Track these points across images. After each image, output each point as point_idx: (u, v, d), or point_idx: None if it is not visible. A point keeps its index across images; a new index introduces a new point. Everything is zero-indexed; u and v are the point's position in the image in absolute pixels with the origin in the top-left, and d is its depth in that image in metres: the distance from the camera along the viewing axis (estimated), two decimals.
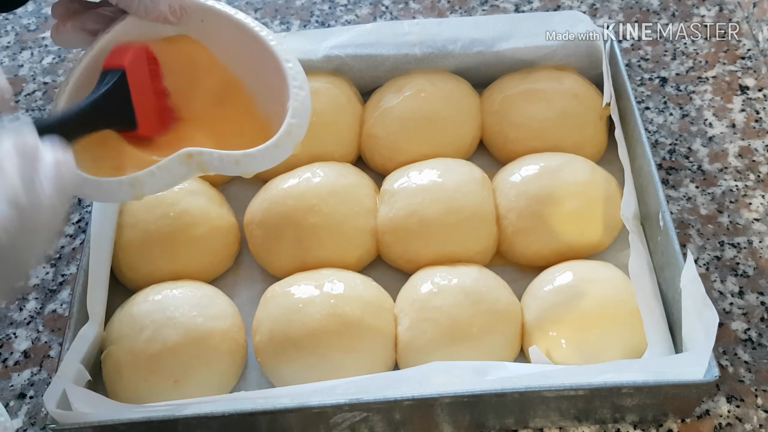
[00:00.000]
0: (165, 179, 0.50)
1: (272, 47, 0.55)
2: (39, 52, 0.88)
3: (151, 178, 0.50)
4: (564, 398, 0.53)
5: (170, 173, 0.50)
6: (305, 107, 0.53)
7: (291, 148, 0.52)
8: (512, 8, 0.87)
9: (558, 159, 0.65)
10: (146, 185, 0.50)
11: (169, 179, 0.50)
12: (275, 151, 0.51)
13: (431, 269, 0.62)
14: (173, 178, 0.50)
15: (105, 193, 0.50)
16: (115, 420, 0.52)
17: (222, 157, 0.50)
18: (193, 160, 0.50)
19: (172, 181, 0.51)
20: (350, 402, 0.52)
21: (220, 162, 0.50)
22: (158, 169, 0.50)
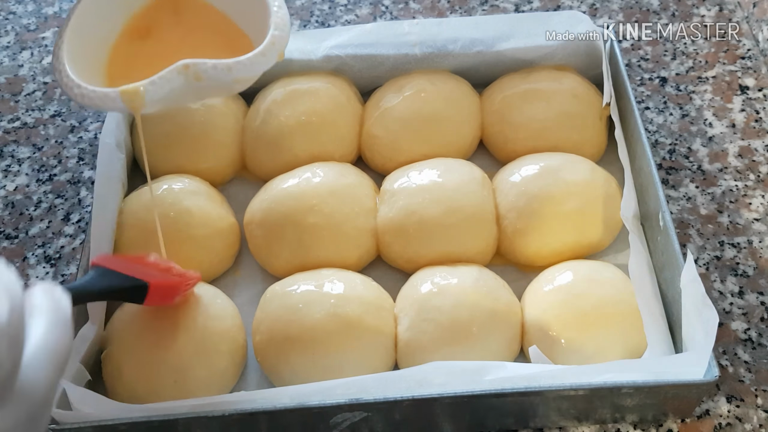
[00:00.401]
0: (164, 88, 0.54)
1: None
2: (39, 52, 0.88)
3: (151, 87, 0.54)
4: (564, 398, 0.53)
5: (169, 82, 0.54)
6: (285, 22, 0.59)
7: (275, 56, 0.57)
8: (512, 8, 0.87)
9: (558, 159, 0.65)
10: (147, 94, 0.54)
11: (167, 88, 0.54)
12: (263, 58, 0.56)
13: (431, 269, 0.62)
14: (171, 87, 0.54)
15: (109, 102, 0.54)
16: (115, 420, 0.52)
17: (216, 65, 0.55)
18: (189, 70, 0.55)
19: (171, 90, 0.55)
20: (350, 402, 0.52)
21: (214, 70, 0.55)
22: (159, 79, 0.54)
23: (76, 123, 0.80)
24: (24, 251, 0.70)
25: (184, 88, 0.55)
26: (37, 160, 0.77)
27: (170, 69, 0.54)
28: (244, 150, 0.72)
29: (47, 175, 0.76)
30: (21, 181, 0.76)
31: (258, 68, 0.56)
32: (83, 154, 0.77)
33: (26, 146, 0.79)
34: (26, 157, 0.78)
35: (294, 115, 0.70)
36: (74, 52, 0.58)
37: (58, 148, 0.78)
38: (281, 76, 0.74)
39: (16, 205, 0.74)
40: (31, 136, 0.80)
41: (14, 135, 0.80)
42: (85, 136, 0.79)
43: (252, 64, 0.56)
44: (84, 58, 0.59)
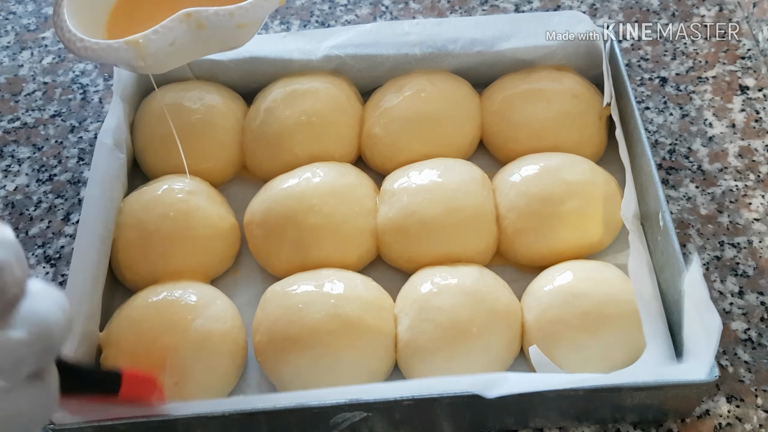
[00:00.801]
0: (167, 37, 0.55)
1: None
2: (39, 52, 0.88)
3: (155, 37, 0.54)
4: (564, 398, 0.53)
5: (172, 31, 0.55)
6: None
7: (276, 1, 0.57)
8: (512, 8, 0.87)
9: (558, 159, 0.65)
10: (151, 44, 0.54)
11: (170, 36, 0.55)
12: (264, 2, 0.56)
13: (431, 269, 0.62)
14: (174, 35, 0.55)
15: (114, 53, 0.55)
16: (115, 420, 0.52)
17: (217, 12, 0.55)
18: (191, 18, 0.55)
19: (174, 40, 0.55)
20: (350, 402, 0.52)
21: (216, 17, 0.55)
22: (161, 28, 0.55)
23: (76, 123, 0.80)
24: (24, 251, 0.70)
25: (188, 38, 0.55)
26: (37, 160, 0.77)
27: (172, 18, 0.55)
28: (244, 150, 0.72)
29: (47, 175, 0.76)
30: (21, 181, 0.76)
31: (260, 12, 0.56)
32: (83, 154, 0.77)
33: (26, 146, 0.79)
34: (26, 157, 0.78)
35: (294, 115, 0.70)
36: (75, 8, 0.58)
37: (58, 148, 0.78)
38: (281, 76, 0.74)
39: (16, 205, 0.74)
40: (31, 136, 0.80)
41: (14, 135, 0.80)
42: (85, 136, 0.79)
43: (254, 8, 0.56)
44: (84, 15, 0.59)
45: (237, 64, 0.74)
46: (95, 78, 0.84)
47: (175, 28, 0.55)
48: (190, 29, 0.55)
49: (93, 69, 0.85)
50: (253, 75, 0.75)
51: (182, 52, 0.57)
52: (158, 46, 0.55)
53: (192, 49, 0.59)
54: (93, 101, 0.82)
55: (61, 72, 0.85)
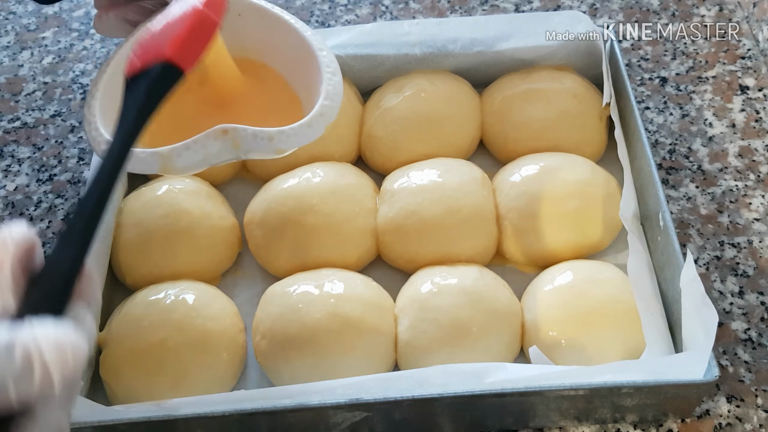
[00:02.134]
0: (198, 154, 0.51)
1: (306, 38, 0.58)
2: (39, 52, 0.88)
3: (186, 152, 0.50)
4: (564, 398, 0.53)
5: (204, 148, 0.51)
6: (337, 91, 0.55)
7: (323, 128, 0.53)
8: (512, 8, 0.87)
9: (558, 159, 0.65)
10: (180, 159, 0.50)
11: (202, 154, 0.51)
12: (308, 129, 0.52)
13: (431, 269, 0.61)
14: (207, 153, 0.51)
15: (138, 164, 0.51)
16: (115, 420, 0.52)
17: (256, 133, 0.51)
18: (228, 136, 0.51)
19: (205, 156, 0.51)
20: (350, 402, 0.52)
21: (254, 138, 0.51)
22: (194, 143, 0.50)
23: (76, 123, 0.80)
24: None
25: (220, 153, 0.51)
26: (37, 160, 0.77)
27: (207, 133, 0.50)
28: None
29: (47, 175, 0.76)
30: (21, 181, 0.76)
31: (302, 140, 0.52)
32: (83, 154, 0.77)
33: (26, 146, 0.79)
34: (26, 157, 0.78)
35: None
36: (108, 103, 0.54)
37: (58, 148, 0.78)
38: None
39: (16, 205, 0.74)
40: (31, 136, 0.80)
41: (14, 135, 0.80)
42: (85, 136, 0.79)
43: (296, 135, 0.52)
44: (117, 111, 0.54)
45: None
46: None
47: (209, 145, 0.50)
48: (224, 146, 0.51)
49: (93, 69, 0.85)
50: None
51: (211, 162, 0.52)
52: (187, 162, 0.51)
53: (221, 159, 0.53)
54: None
55: (61, 72, 0.85)
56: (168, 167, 0.51)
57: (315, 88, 0.56)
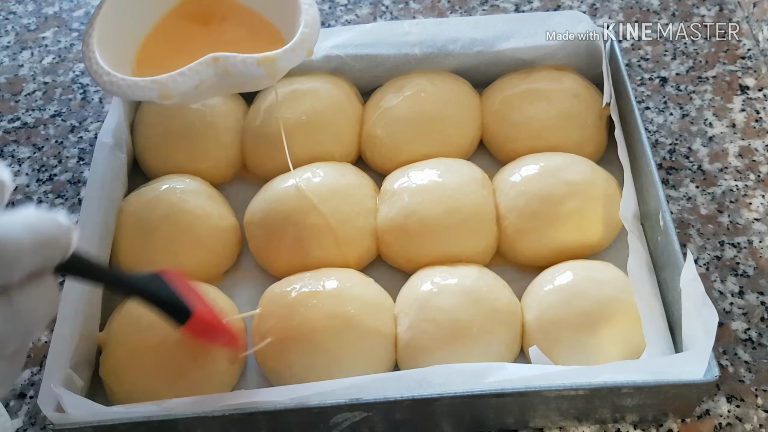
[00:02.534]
0: (192, 79, 0.55)
1: None
2: (39, 52, 0.88)
3: (181, 78, 0.55)
4: (564, 398, 0.53)
5: (198, 74, 0.55)
6: (315, 20, 0.59)
7: (304, 53, 0.58)
8: (512, 8, 0.87)
9: (558, 159, 0.65)
10: (176, 85, 0.55)
11: (195, 79, 0.55)
12: (292, 54, 0.57)
13: (431, 269, 0.61)
14: (200, 78, 0.55)
15: (138, 91, 0.55)
16: (115, 420, 0.52)
17: (245, 59, 0.56)
18: (219, 63, 0.55)
19: (199, 81, 0.55)
20: (350, 402, 0.52)
21: (243, 64, 0.55)
22: (188, 70, 0.55)
23: (76, 123, 0.80)
24: None
25: (212, 81, 0.56)
26: (37, 160, 0.77)
27: (200, 61, 0.55)
28: (244, 150, 0.72)
29: (47, 175, 0.76)
30: (21, 181, 0.76)
31: (287, 64, 0.57)
32: (83, 154, 0.77)
33: (26, 146, 0.79)
34: (26, 157, 0.78)
35: (294, 115, 0.70)
36: (104, 39, 0.59)
37: (58, 148, 0.78)
38: None
39: (16, 205, 0.74)
40: (31, 136, 0.80)
41: (14, 135, 0.80)
42: (85, 136, 0.79)
43: (281, 60, 0.56)
44: (114, 46, 0.60)
45: None
46: None
47: (202, 72, 0.55)
48: (216, 74, 0.55)
49: None
50: None
51: (205, 92, 0.58)
52: (183, 88, 0.55)
53: (214, 90, 0.59)
54: (93, 101, 0.82)
55: (61, 72, 0.85)
56: (165, 93, 0.55)
57: (292, 19, 0.60)
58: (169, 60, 0.59)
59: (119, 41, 0.61)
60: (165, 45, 0.63)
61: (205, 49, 0.57)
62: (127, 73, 0.59)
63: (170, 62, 0.58)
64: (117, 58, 0.59)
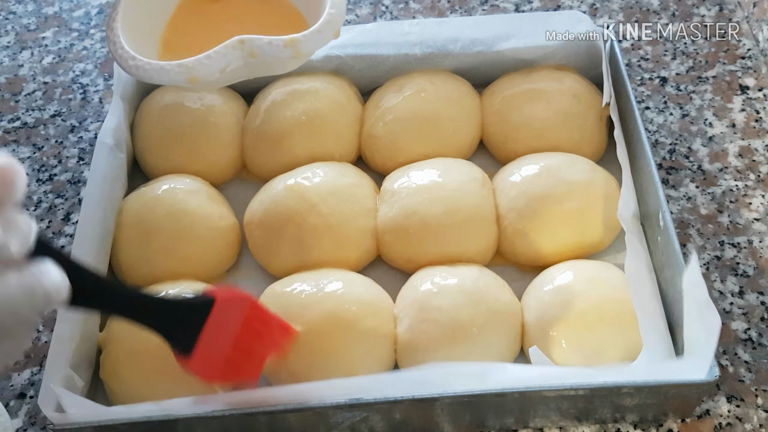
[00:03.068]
0: (219, 62, 0.55)
1: None
2: (39, 52, 0.88)
3: (207, 61, 0.55)
4: (564, 398, 0.53)
5: (224, 57, 0.55)
6: (342, 1, 0.58)
7: (332, 34, 0.57)
8: (512, 8, 0.87)
9: (558, 159, 0.65)
10: (203, 68, 0.55)
11: (222, 62, 0.55)
12: (318, 35, 0.56)
13: (431, 269, 0.61)
14: (227, 61, 0.55)
15: (165, 75, 0.55)
16: (116, 420, 0.52)
17: (271, 41, 0.55)
18: (245, 45, 0.55)
19: (225, 64, 0.55)
20: (350, 402, 0.52)
21: (270, 46, 0.55)
22: (214, 54, 0.55)
23: (76, 123, 0.80)
24: None
25: (238, 64, 0.55)
26: (37, 160, 0.77)
27: (225, 44, 0.55)
28: (244, 150, 0.72)
29: (47, 175, 0.76)
30: None
31: (314, 45, 0.56)
32: (83, 154, 0.77)
33: (26, 146, 0.79)
34: (26, 157, 0.78)
35: (294, 115, 0.70)
36: (128, 23, 0.58)
37: (58, 148, 0.78)
38: (281, 76, 0.74)
39: None
40: (31, 136, 0.80)
41: (14, 135, 0.80)
42: (85, 136, 0.79)
43: (308, 41, 0.56)
44: (138, 30, 0.59)
45: None
46: (95, 78, 0.84)
47: (228, 55, 0.55)
48: (242, 56, 0.55)
49: (93, 69, 0.85)
50: None
51: (231, 75, 0.57)
52: (209, 71, 0.55)
53: (240, 73, 0.59)
54: (93, 101, 0.82)
55: (61, 72, 0.85)
56: (192, 77, 0.55)
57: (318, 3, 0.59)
58: (195, 42, 0.59)
59: (143, 25, 0.60)
60: (189, 26, 0.62)
61: (229, 29, 0.56)
62: (153, 58, 0.58)
63: (196, 44, 0.57)
64: (141, 42, 0.59)
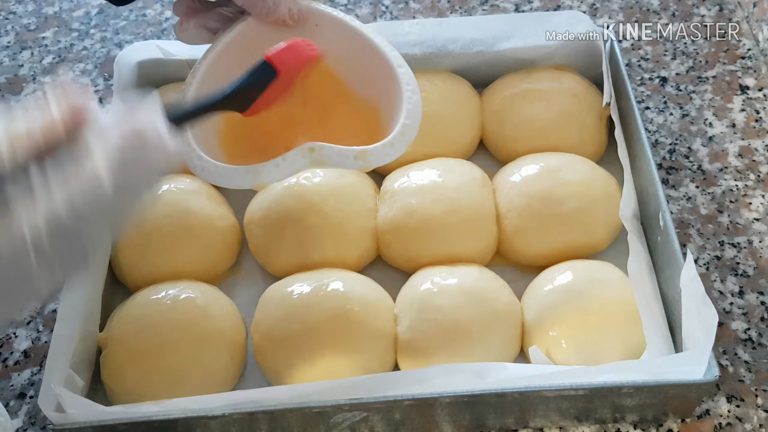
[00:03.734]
0: (287, 170, 0.53)
1: (385, 53, 0.58)
2: (39, 52, 0.88)
3: (275, 169, 0.53)
4: (564, 398, 0.53)
5: (292, 165, 0.53)
6: (417, 110, 0.56)
7: (404, 146, 0.55)
8: (512, 8, 0.87)
9: (558, 159, 0.65)
10: (270, 175, 0.53)
11: (290, 170, 0.53)
12: (390, 149, 0.54)
13: (431, 269, 0.61)
14: (294, 169, 0.53)
15: (230, 180, 0.53)
16: (116, 420, 0.52)
17: (341, 152, 0.53)
18: (315, 153, 0.53)
19: (293, 171, 0.53)
20: (350, 402, 0.52)
21: (339, 156, 0.53)
22: (283, 161, 0.53)
23: None
24: None
25: (303, 169, 0.53)
26: None
27: (295, 152, 0.52)
28: None
29: None
30: None
31: (384, 159, 0.54)
32: None
33: None
34: None
35: None
36: None
37: None
38: None
39: None
40: None
41: None
42: None
43: (378, 154, 0.54)
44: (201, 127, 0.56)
45: None
46: (95, 78, 0.84)
47: (296, 162, 0.53)
48: (310, 162, 0.53)
49: (93, 69, 0.85)
50: None
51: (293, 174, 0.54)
52: (276, 177, 0.53)
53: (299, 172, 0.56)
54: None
55: (61, 72, 0.85)
56: (259, 184, 0.53)
57: (392, 103, 0.57)
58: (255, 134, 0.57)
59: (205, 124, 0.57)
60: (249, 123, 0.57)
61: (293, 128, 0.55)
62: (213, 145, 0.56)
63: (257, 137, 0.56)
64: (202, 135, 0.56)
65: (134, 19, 0.90)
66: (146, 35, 0.88)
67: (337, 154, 0.53)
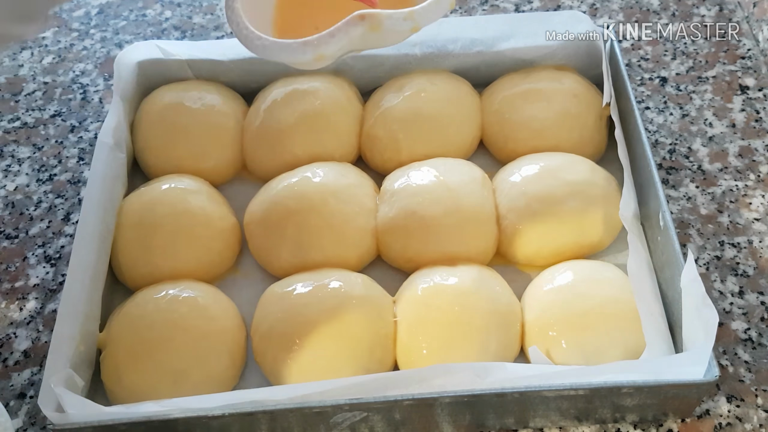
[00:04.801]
0: (342, 40, 0.54)
1: None
2: (39, 52, 0.88)
3: (332, 39, 0.53)
4: (564, 398, 0.53)
5: (347, 35, 0.53)
6: None
7: (448, 5, 0.56)
8: (512, 8, 0.87)
9: (558, 159, 0.65)
10: (328, 46, 0.53)
11: (345, 40, 0.54)
12: (436, 6, 0.55)
13: (431, 269, 0.61)
14: (349, 38, 0.54)
15: (291, 54, 0.54)
16: (116, 420, 0.52)
17: (391, 15, 0.54)
18: (365, 21, 0.54)
19: (349, 42, 0.54)
20: (350, 402, 0.52)
21: (389, 20, 0.54)
22: (337, 30, 0.53)
23: (76, 123, 0.80)
24: (24, 251, 0.70)
25: (359, 39, 0.54)
26: (37, 160, 0.77)
27: (346, 21, 0.53)
28: (244, 150, 0.72)
29: (47, 175, 0.76)
30: (21, 181, 0.76)
31: (433, 16, 0.56)
32: (83, 154, 0.77)
33: (26, 146, 0.79)
34: (26, 157, 0.78)
35: (294, 115, 0.70)
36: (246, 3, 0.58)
37: (58, 148, 0.78)
38: (281, 76, 0.74)
39: (16, 205, 0.74)
40: (31, 136, 0.80)
41: (14, 135, 0.80)
42: (85, 136, 0.79)
43: (427, 12, 0.55)
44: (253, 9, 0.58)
45: (237, 64, 0.74)
46: (95, 78, 0.85)
47: (350, 32, 0.54)
48: (363, 31, 0.54)
49: (93, 69, 0.85)
50: (253, 75, 0.75)
51: (349, 49, 0.56)
52: (333, 49, 0.54)
53: (357, 47, 0.57)
54: (93, 101, 0.82)
55: (61, 72, 0.85)
56: (319, 55, 0.54)
57: None
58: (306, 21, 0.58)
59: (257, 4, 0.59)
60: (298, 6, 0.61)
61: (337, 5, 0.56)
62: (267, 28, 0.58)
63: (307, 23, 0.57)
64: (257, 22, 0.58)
65: (134, 19, 0.90)
66: (146, 35, 0.88)
67: (387, 18, 0.54)
